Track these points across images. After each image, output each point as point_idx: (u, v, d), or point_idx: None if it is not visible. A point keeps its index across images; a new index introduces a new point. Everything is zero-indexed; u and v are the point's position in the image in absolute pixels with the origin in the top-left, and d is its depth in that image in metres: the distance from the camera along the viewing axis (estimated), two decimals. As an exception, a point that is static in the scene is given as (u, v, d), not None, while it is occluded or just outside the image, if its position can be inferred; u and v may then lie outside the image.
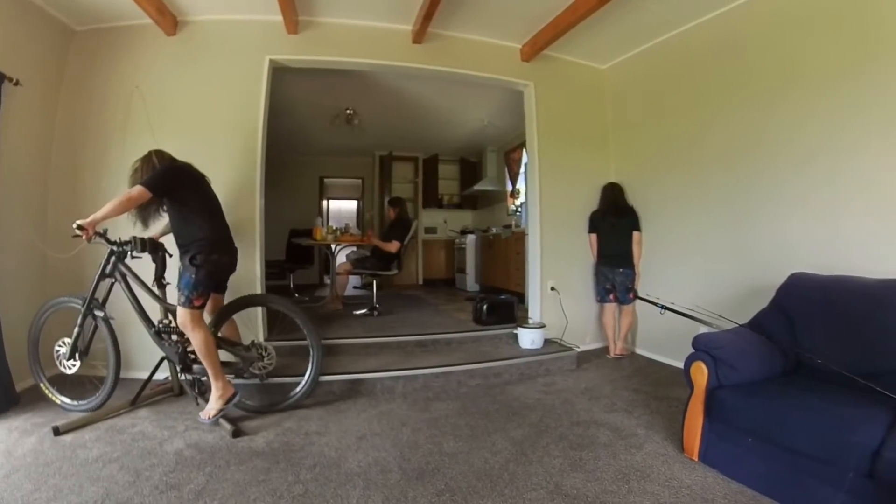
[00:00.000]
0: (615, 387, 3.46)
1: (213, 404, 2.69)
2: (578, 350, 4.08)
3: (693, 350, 2.41)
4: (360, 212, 9.91)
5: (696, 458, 2.32)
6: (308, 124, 6.74)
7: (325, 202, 9.76)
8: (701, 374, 2.33)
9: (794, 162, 3.11)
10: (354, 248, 5.70)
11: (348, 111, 6.07)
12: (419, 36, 3.87)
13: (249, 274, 3.47)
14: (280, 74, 3.89)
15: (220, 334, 2.91)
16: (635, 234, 4.30)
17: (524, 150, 5.33)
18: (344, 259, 5.38)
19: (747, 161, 3.43)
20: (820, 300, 2.53)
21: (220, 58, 3.65)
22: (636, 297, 4.11)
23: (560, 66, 4.51)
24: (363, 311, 4.98)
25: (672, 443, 2.50)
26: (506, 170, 7.86)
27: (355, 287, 7.01)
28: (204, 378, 2.81)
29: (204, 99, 3.61)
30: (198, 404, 2.87)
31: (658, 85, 4.22)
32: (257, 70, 3.66)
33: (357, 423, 2.78)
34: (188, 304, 2.62)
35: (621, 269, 4.25)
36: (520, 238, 5.73)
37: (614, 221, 4.33)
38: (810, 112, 3.02)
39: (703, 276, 3.78)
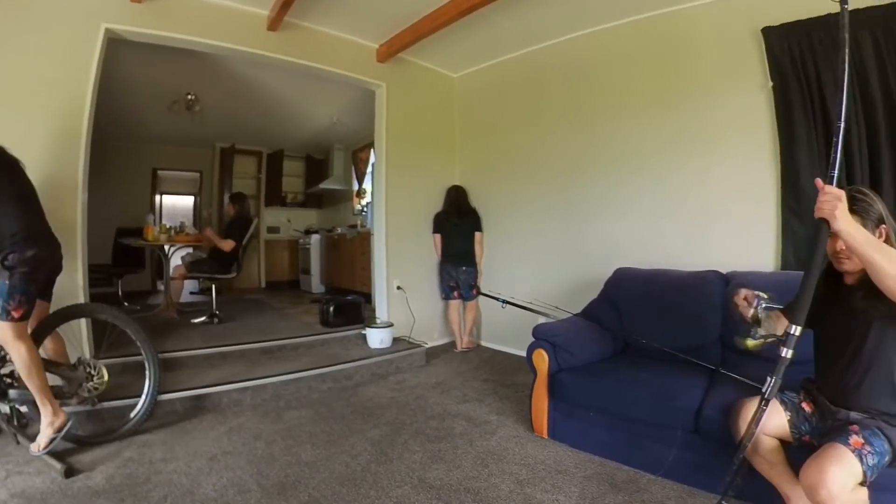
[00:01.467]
0: (465, 378, 3.55)
1: (44, 433, 2.11)
2: (427, 346, 4.13)
3: (534, 339, 2.58)
4: (197, 209, 8.68)
5: (546, 435, 2.48)
6: (143, 107, 5.69)
7: (158, 197, 8.40)
8: (542, 360, 2.50)
9: (622, 172, 3.57)
10: (191, 250, 5.02)
11: (190, 96, 5.32)
12: (275, 23, 3.54)
13: (70, 280, 2.74)
14: (115, 48, 3.19)
15: (43, 355, 2.29)
16: (477, 234, 4.49)
17: (372, 150, 5.25)
18: (179, 262, 4.70)
19: (581, 169, 3.84)
20: (642, 290, 2.91)
21: (45, 20, 2.82)
22: (479, 293, 4.27)
23: (414, 70, 4.55)
24: (202, 318, 4.41)
25: (523, 425, 2.64)
26: (353, 169, 7.66)
27: (192, 293, 6.11)
28: (24, 407, 2.22)
29: (19, 68, 2.76)
30: (18, 442, 2.23)
31: (505, 97, 4.50)
32: (89, 39, 2.93)
33: (206, 444, 2.40)
34: (5, 316, 2.03)
35: (465, 268, 4.40)
36: (365, 238, 5.63)
37: (458, 222, 4.46)
38: (639, 131, 3.49)
39: (541, 271, 4.11)
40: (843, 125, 1.42)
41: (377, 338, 3.90)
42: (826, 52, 2.69)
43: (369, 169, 6.86)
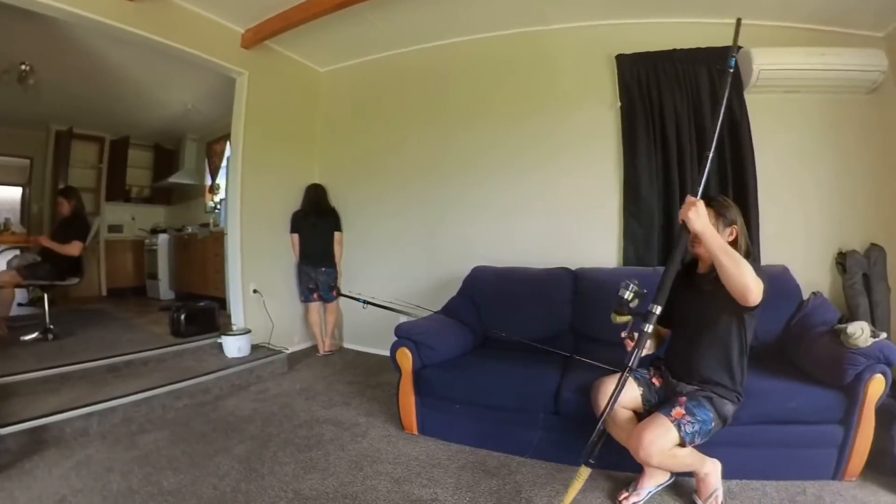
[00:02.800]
0: (330, 382, 3.51)
1: None
2: (288, 352, 3.99)
3: (396, 338, 2.64)
4: (25, 202, 7.02)
5: (416, 432, 2.59)
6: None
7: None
8: (406, 358, 2.57)
9: (480, 175, 3.84)
10: (18, 252, 4.15)
11: (24, 66, 4.33)
12: (135, -9, 3.07)
13: None
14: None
15: None
16: (337, 234, 4.43)
17: (228, 142, 4.82)
18: (5, 266, 3.85)
19: (441, 172, 4.03)
20: (499, 286, 3.20)
21: None
22: (339, 294, 4.26)
23: (279, 60, 4.31)
24: (34, 334, 3.68)
25: (392, 424, 2.71)
26: (206, 162, 6.90)
27: (20, 304, 4.99)
28: None
29: None
30: None
31: (369, 96, 4.49)
32: None
33: (51, 484, 2.04)
34: None
35: (324, 269, 4.33)
36: (219, 238, 5.18)
37: (316, 222, 4.37)
38: (498, 137, 3.79)
39: (401, 271, 4.22)
40: (711, 154, 1.80)
41: (234, 346, 3.66)
42: (668, 81, 3.28)
43: (224, 163, 6.26)
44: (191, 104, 5.77)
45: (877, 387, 1.99)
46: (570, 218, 3.55)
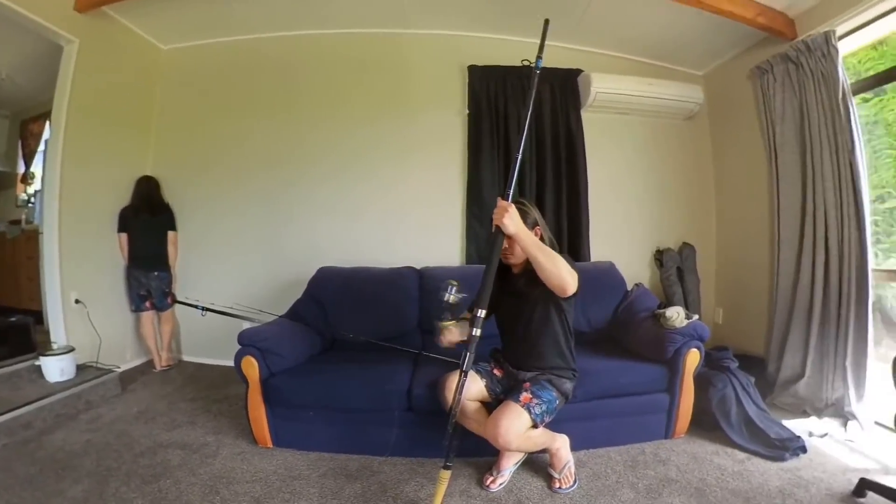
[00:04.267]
0: (171, 401, 3.15)
1: None
2: (120, 370, 3.48)
3: (240, 346, 2.46)
4: None
5: (270, 445, 2.45)
6: None
7: None
8: (252, 367, 2.41)
9: (327, 172, 3.77)
10: None
11: None
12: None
13: None
14: None
15: None
16: (171, 233, 3.96)
17: (48, 121, 4.05)
18: None
19: (286, 168, 3.86)
20: (345, 287, 3.17)
21: None
22: (175, 301, 3.87)
23: (117, 30, 3.71)
24: None
25: (244, 439, 2.53)
26: (19, 145, 5.65)
27: None
28: None
29: None
30: None
31: (214, 82, 4.09)
32: None
33: None
34: None
35: (157, 273, 3.84)
36: (33, 237, 4.37)
37: (148, 219, 3.85)
38: (347, 135, 3.74)
39: (242, 273, 3.94)
40: (519, 156, 1.85)
41: (56, 368, 3.07)
42: (514, 94, 3.55)
43: (42, 146, 5.25)
44: (4, 73, 4.75)
45: (693, 359, 2.48)
46: (417, 218, 3.69)
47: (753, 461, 2.32)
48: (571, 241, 3.59)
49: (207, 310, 3.19)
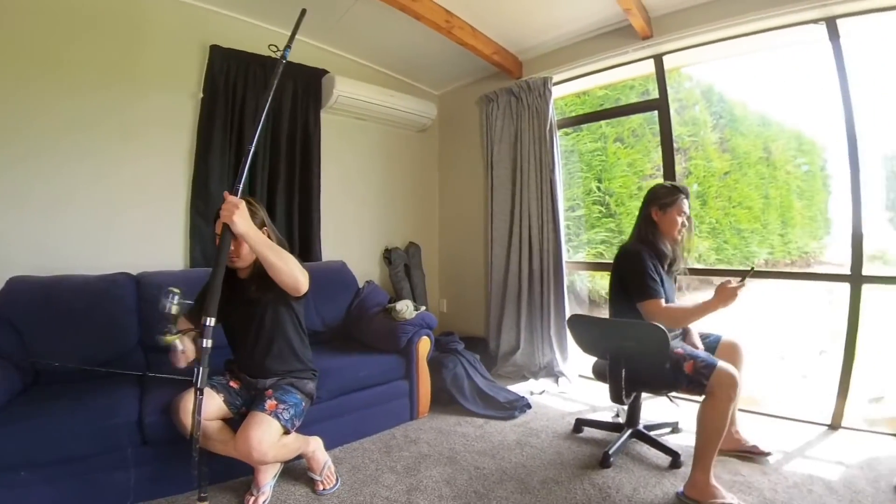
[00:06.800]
0: None
1: None
2: None
3: None
4: None
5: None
6: None
7: None
8: None
9: (17, 154, 2.67)
10: None
11: None
12: None
13: None
14: None
15: None
16: None
17: None
18: None
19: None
20: (44, 302, 2.39)
21: None
22: None
23: None
24: None
25: None
26: None
27: None
28: None
29: None
30: None
31: None
32: None
33: None
34: None
35: None
36: None
37: None
38: (47, 107, 2.72)
39: None
40: (252, 148, 1.71)
41: None
42: (256, 84, 3.22)
43: None
44: None
45: (424, 346, 2.76)
46: (130, 214, 2.96)
47: (491, 424, 2.73)
48: (303, 241, 3.51)
49: None
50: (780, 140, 4.11)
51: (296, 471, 2.15)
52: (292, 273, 1.70)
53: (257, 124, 1.74)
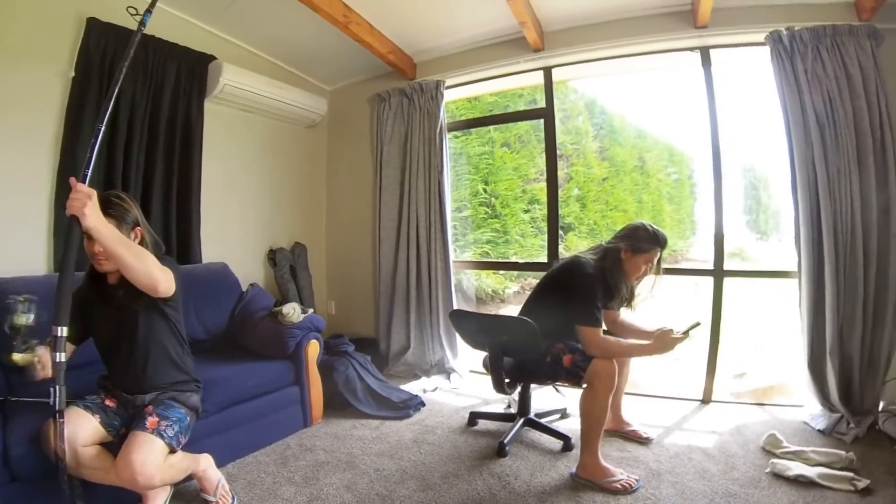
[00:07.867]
0: None
1: None
2: None
3: None
4: None
5: None
6: None
7: None
8: None
9: None
10: None
11: None
12: None
13: None
14: None
15: None
16: None
17: None
18: None
19: None
20: None
21: None
22: None
23: None
24: None
25: None
26: None
27: None
28: None
29: None
30: None
31: None
32: None
33: None
34: None
35: None
36: None
37: None
38: None
39: None
40: (102, 127, 1.54)
41: None
42: (136, 66, 2.86)
43: None
44: None
45: (314, 349, 2.70)
46: None
47: (386, 424, 2.75)
48: (181, 241, 3.20)
49: None
50: (654, 151, 4.72)
51: (188, 493, 1.98)
52: (148, 272, 1.53)
53: (110, 97, 1.55)
